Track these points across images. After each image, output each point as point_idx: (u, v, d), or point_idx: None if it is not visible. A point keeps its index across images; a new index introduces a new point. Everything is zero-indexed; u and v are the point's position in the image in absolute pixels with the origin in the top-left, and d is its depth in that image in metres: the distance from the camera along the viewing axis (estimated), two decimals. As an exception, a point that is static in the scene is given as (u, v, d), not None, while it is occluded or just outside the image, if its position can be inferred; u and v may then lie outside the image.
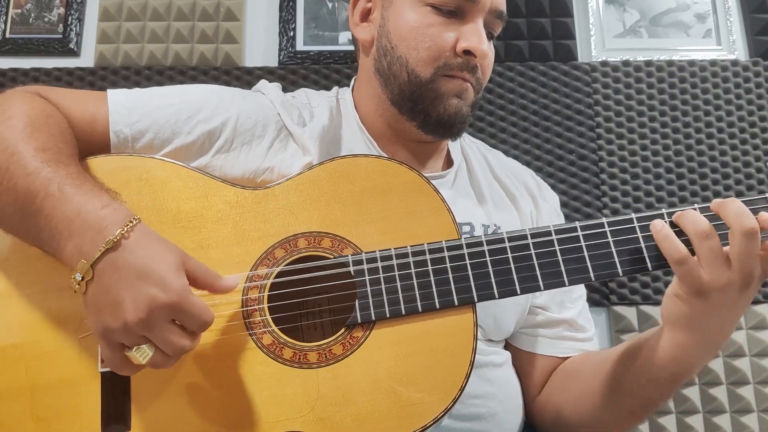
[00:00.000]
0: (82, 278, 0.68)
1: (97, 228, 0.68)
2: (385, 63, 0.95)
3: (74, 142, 0.82)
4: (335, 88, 1.08)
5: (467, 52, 0.91)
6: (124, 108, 0.88)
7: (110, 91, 0.90)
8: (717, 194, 1.56)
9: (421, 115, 0.94)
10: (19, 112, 0.79)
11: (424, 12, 0.92)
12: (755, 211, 0.72)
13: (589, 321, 1.04)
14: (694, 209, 0.75)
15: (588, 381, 0.91)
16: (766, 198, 0.76)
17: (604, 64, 1.65)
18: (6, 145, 0.75)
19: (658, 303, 1.50)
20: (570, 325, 1.00)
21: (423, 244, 0.78)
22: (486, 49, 0.91)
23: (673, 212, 0.76)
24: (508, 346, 1.02)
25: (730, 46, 1.68)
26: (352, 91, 1.05)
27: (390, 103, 0.96)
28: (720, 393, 1.44)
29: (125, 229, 0.68)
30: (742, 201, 0.73)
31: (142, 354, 0.66)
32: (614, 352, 0.89)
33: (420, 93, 0.92)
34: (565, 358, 0.99)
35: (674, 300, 0.76)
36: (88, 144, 0.85)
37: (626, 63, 1.65)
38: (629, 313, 1.50)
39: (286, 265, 0.78)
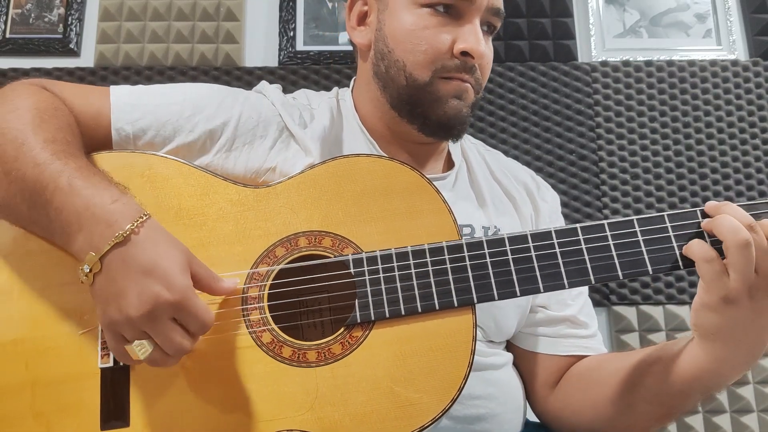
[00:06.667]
0: (90, 270, 0.68)
1: (107, 222, 0.69)
2: (383, 67, 0.94)
3: (80, 135, 0.82)
4: (335, 89, 1.08)
5: (465, 53, 0.90)
6: (127, 105, 0.88)
7: (113, 87, 0.90)
8: (717, 194, 1.56)
9: (421, 118, 0.93)
10: (27, 103, 0.79)
11: (420, 14, 0.91)
12: (758, 216, 0.72)
13: (591, 317, 1.03)
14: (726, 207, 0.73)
15: (609, 386, 0.89)
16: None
17: (604, 64, 1.65)
18: (15, 135, 0.75)
19: (658, 303, 1.50)
20: (571, 322, 0.99)
21: (423, 245, 0.78)
22: (483, 50, 0.90)
23: (674, 214, 0.75)
24: (510, 346, 1.01)
25: (730, 46, 1.68)
26: (352, 91, 1.05)
27: (389, 106, 0.96)
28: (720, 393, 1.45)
29: (135, 224, 0.69)
30: (745, 205, 0.73)
31: (141, 349, 0.66)
32: (635, 358, 0.87)
33: (419, 96, 0.91)
34: (568, 357, 0.98)
35: (704, 311, 0.74)
36: (91, 139, 0.85)
37: (626, 63, 1.65)
38: (629, 313, 1.50)
39: (286, 264, 0.78)
